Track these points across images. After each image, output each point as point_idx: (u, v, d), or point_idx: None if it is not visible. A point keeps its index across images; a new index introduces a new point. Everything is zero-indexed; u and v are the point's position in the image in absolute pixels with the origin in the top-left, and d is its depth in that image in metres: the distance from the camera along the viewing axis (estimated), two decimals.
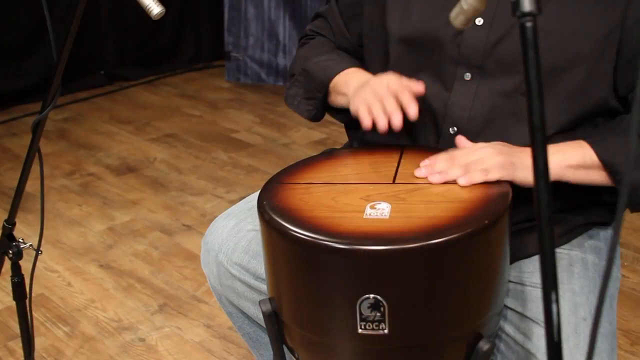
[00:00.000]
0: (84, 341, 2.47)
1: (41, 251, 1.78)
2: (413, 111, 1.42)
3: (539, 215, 0.94)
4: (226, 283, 1.68)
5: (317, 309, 1.27)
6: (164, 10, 1.39)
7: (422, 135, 1.58)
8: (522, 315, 1.49)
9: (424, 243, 1.19)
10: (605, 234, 1.65)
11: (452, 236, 1.20)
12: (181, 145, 4.01)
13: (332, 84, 1.64)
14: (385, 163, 1.46)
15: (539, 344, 1.43)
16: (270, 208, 1.31)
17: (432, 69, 1.56)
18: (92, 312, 2.61)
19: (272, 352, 1.77)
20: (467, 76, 1.53)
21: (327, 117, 4.45)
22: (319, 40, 1.80)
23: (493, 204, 1.29)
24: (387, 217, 1.26)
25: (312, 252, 1.23)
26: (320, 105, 1.70)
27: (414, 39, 1.58)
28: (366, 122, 1.44)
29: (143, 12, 1.37)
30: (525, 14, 0.93)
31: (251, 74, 4.90)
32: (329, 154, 1.58)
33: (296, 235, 1.24)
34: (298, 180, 1.41)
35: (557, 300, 0.95)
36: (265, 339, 1.78)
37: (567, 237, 1.59)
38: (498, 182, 1.35)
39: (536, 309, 1.48)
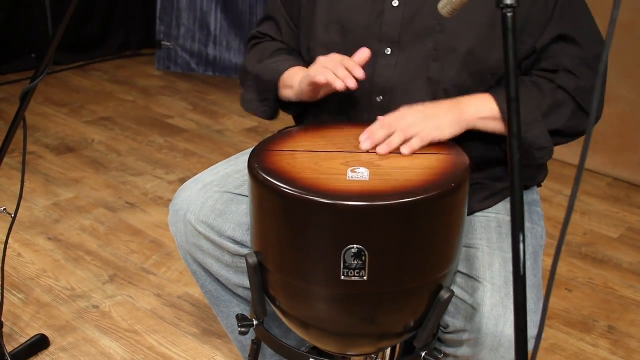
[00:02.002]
0: (40, 307, 2.58)
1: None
2: (359, 73, 1.61)
3: (511, 170, 1.14)
4: (192, 241, 1.84)
5: (304, 258, 1.45)
6: None
7: (356, 107, 1.79)
8: (463, 274, 1.69)
9: (402, 201, 1.39)
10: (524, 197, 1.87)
11: (424, 196, 1.40)
12: (118, 128, 4.12)
13: (281, 83, 1.82)
14: (355, 135, 1.65)
15: (475, 296, 1.64)
16: (262, 169, 1.48)
17: (357, 48, 1.74)
18: (45, 282, 2.73)
19: (230, 310, 1.96)
20: (388, 51, 1.75)
21: None
22: (264, 44, 1.96)
23: (457, 171, 1.49)
24: (368, 179, 1.45)
25: (303, 208, 1.40)
26: (274, 104, 1.87)
27: (341, 23, 1.79)
28: (322, 79, 1.61)
29: None
30: (507, 6, 1.13)
31: (181, 63, 5.02)
32: (303, 128, 1.76)
33: (289, 193, 1.41)
34: (282, 148, 1.58)
35: (523, 241, 1.15)
36: (226, 296, 1.96)
37: (493, 200, 1.81)
38: (458, 152, 1.56)
39: (471, 266, 1.69)
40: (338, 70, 1.62)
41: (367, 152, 1.58)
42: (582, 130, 1.74)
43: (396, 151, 1.58)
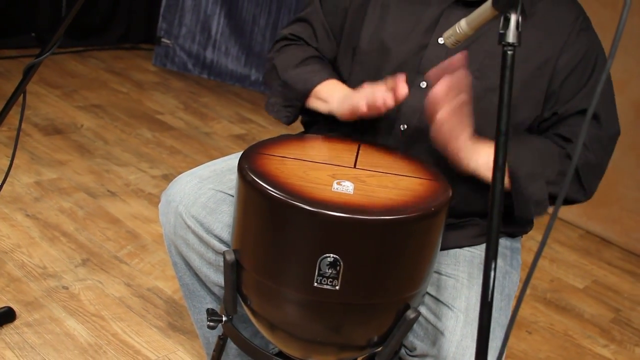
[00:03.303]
0: (10, 281, 2.60)
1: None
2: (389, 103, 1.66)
3: (492, 202, 1.19)
4: (180, 233, 1.87)
5: (280, 261, 1.49)
6: None
7: (378, 130, 1.83)
8: (436, 299, 1.75)
9: (381, 217, 1.44)
10: (507, 242, 1.94)
11: (403, 216, 1.45)
12: (107, 117, 4.15)
13: (313, 93, 1.86)
14: (346, 150, 1.71)
15: (447, 323, 1.69)
16: (251, 170, 1.52)
17: (394, 73, 1.81)
18: (18, 256, 2.75)
19: (202, 305, 1.99)
20: (423, 84, 1.79)
21: (247, 114, 4.66)
22: (297, 47, 1.98)
23: (438, 197, 1.54)
24: (352, 193, 1.50)
25: (286, 212, 1.45)
26: (298, 111, 1.92)
27: (383, 47, 1.84)
28: (362, 107, 1.67)
29: None
30: (508, 44, 1.18)
31: (178, 62, 5.06)
32: (297, 137, 1.80)
33: (274, 196, 1.45)
34: (273, 153, 1.63)
35: (494, 269, 1.20)
36: (201, 292, 1.99)
37: (482, 239, 1.87)
38: (441, 179, 1.62)
39: (448, 295, 1.74)
40: (377, 92, 1.66)
41: (355, 167, 1.63)
42: (572, 201, 1.84)
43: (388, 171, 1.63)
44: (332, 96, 1.82)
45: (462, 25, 1.35)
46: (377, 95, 1.65)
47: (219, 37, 5.00)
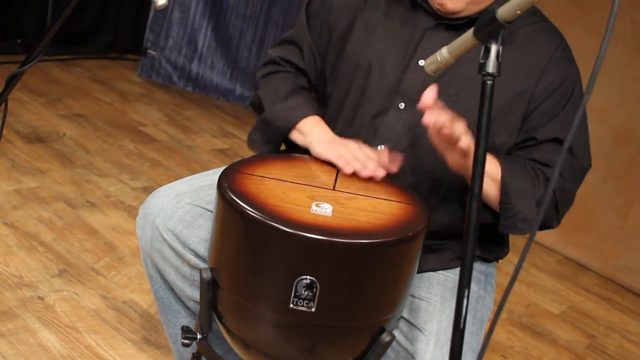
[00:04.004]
0: None
1: None
2: (381, 174, 1.71)
3: (467, 227, 1.20)
4: (156, 246, 1.87)
5: (257, 281, 1.49)
6: (167, 3, 1.60)
7: None
8: (409, 322, 1.75)
9: (358, 241, 1.44)
10: (481, 267, 1.95)
11: (381, 240, 1.46)
12: (90, 127, 4.14)
13: (296, 126, 1.88)
14: (326, 171, 1.72)
15: (418, 347, 1.70)
16: (230, 190, 1.53)
17: (374, 93, 1.84)
18: None
19: (177, 320, 1.99)
20: (402, 105, 1.81)
21: (230, 129, 4.65)
22: (283, 78, 1.99)
23: (416, 221, 1.55)
24: (330, 215, 1.50)
25: (264, 232, 1.45)
26: (279, 145, 1.95)
27: (366, 67, 1.85)
28: (349, 170, 1.71)
29: None
30: (488, 74, 1.20)
31: (163, 74, 5.06)
32: (278, 157, 1.81)
33: (252, 216, 1.46)
34: (253, 172, 1.63)
35: (467, 297, 1.21)
36: (176, 306, 1.99)
37: (457, 262, 1.88)
38: (420, 203, 1.62)
39: (420, 318, 1.75)
40: (368, 162, 1.71)
41: (334, 189, 1.63)
42: (546, 226, 1.87)
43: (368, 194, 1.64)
44: (311, 133, 1.85)
45: (444, 53, 1.37)
46: (365, 172, 1.70)
47: (205, 51, 5.00)
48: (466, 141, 1.59)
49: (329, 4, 1.95)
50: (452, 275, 1.87)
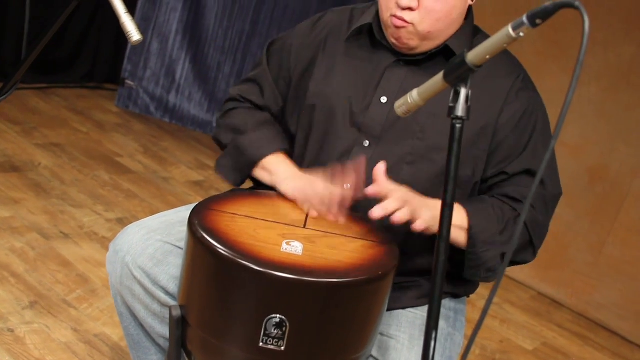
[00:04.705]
0: None
1: None
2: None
3: (435, 270, 1.21)
4: (126, 283, 1.86)
5: (227, 319, 1.49)
6: (142, 38, 1.61)
7: None
8: None
9: (328, 280, 1.45)
10: (451, 304, 1.96)
11: (351, 279, 1.47)
12: (66, 156, 4.12)
13: (260, 163, 1.90)
14: (296, 209, 1.72)
15: None
16: (201, 227, 1.53)
17: (338, 132, 1.85)
18: None
19: (147, 357, 1.98)
20: (366, 143, 1.83)
21: (207, 161, 4.65)
22: (249, 111, 2.02)
23: (386, 260, 1.56)
24: (301, 253, 1.51)
25: (234, 271, 1.45)
26: (246, 176, 1.95)
27: (329, 106, 1.87)
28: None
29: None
30: (457, 117, 1.21)
31: (141, 105, 5.05)
32: (249, 193, 1.81)
33: (222, 254, 1.46)
34: (224, 209, 1.64)
35: (435, 339, 1.21)
36: (146, 343, 1.98)
37: (426, 300, 1.88)
38: (389, 242, 1.63)
39: (388, 356, 1.75)
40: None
41: (305, 227, 1.64)
42: (523, 261, 1.87)
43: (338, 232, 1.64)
44: (278, 170, 1.86)
45: (414, 96, 1.38)
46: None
47: (183, 82, 5.01)
48: (421, 225, 1.64)
49: (289, 45, 1.98)
50: (420, 313, 1.87)
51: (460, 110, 1.21)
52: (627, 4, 3.62)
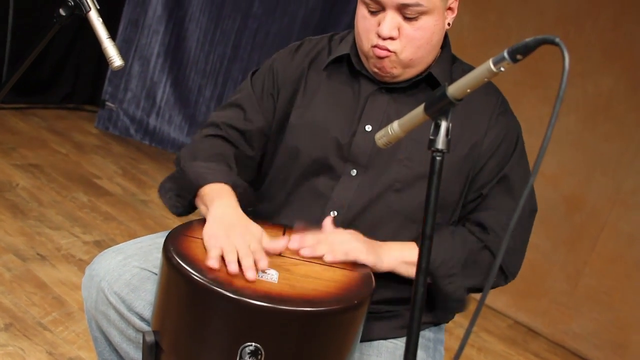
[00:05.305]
0: None
1: None
2: (262, 267, 1.56)
3: (413, 303, 1.21)
4: (101, 309, 1.85)
5: (201, 347, 1.48)
6: (124, 64, 1.61)
7: (308, 214, 1.85)
8: None
9: (303, 309, 1.45)
10: (430, 334, 1.96)
11: (326, 308, 1.47)
12: (44, 178, 4.11)
13: (201, 192, 1.80)
14: (272, 236, 1.71)
15: None
16: (176, 253, 1.52)
17: (324, 161, 1.85)
18: None
19: None
20: (353, 172, 1.83)
21: None
22: (216, 142, 1.96)
23: (361, 289, 1.56)
24: (276, 281, 1.50)
25: (209, 298, 1.45)
26: (188, 205, 1.86)
27: (314, 132, 1.87)
28: (213, 264, 1.53)
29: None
30: (437, 150, 1.21)
31: (120, 127, 5.04)
32: None
33: (197, 281, 1.45)
34: (200, 236, 1.63)
35: None
36: None
37: (403, 331, 1.88)
38: (364, 270, 1.64)
39: None
40: (245, 259, 1.55)
41: (281, 255, 1.64)
42: (496, 285, 1.89)
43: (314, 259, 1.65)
44: (212, 203, 1.73)
45: (395, 128, 1.39)
46: (248, 274, 1.53)
47: (164, 105, 5.00)
48: (329, 258, 1.67)
49: (274, 68, 1.97)
50: (400, 344, 1.87)
51: (440, 143, 1.21)
52: (606, 36, 3.67)
